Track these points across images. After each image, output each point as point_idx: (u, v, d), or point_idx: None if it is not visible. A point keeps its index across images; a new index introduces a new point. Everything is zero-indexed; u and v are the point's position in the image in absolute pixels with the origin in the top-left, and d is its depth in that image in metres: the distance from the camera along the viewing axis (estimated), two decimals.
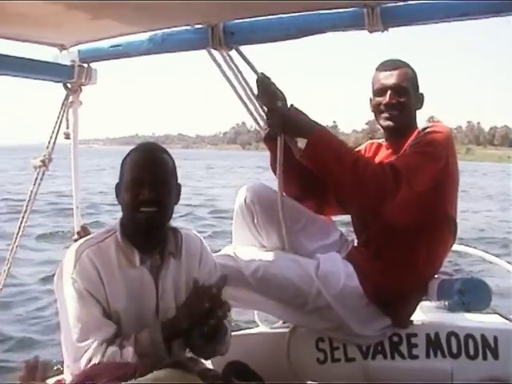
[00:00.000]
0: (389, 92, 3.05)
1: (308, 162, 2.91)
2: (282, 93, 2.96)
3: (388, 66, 3.12)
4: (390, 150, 3.17)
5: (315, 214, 3.32)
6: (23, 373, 2.13)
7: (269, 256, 3.11)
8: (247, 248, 3.21)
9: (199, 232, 2.91)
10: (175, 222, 2.69)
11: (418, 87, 3.13)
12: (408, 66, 3.12)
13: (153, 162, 2.52)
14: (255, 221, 3.15)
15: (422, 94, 3.15)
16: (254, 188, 3.20)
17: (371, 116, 3.16)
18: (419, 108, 3.16)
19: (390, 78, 3.07)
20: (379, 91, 3.10)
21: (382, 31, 2.63)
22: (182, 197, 2.64)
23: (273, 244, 3.17)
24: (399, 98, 3.05)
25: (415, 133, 3.02)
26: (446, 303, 2.96)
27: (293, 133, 2.96)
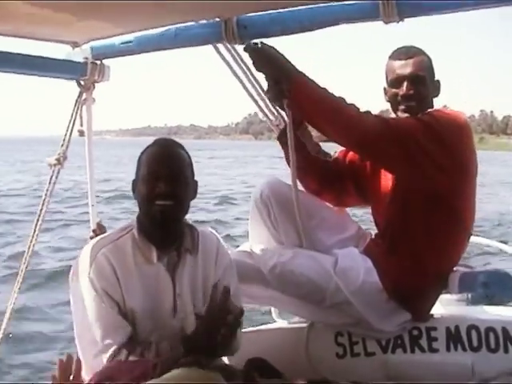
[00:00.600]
0: (405, 83, 2.97)
1: (295, 108, 2.90)
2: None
3: (402, 54, 3.02)
4: None
5: (332, 207, 3.30)
6: (58, 372, 2.13)
7: (286, 253, 3.08)
8: (264, 245, 3.17)
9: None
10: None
11: (434, 74, 3.04)
12: (423, 52, 3.03)
13: (169, 156, 2.54)
14: (271, 216, 3.11)
15: (438, 81, 3.06)
16: (270, 183, 3.17)
17: (382, 106, 3.10)
18: (436, 96, 3.07)
19: (405, 67, 2.98)
20: (395, 81, 3.01)
21: (398, 22, 2.59)
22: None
23: (290, 239, 3.13)
24: (416, 88, 2.96)
25: None
26: (469, 296, 2.93)
27: (275, 72, 2.85)
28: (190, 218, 2.66)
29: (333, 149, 3.30)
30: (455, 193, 2.92)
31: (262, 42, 2.88)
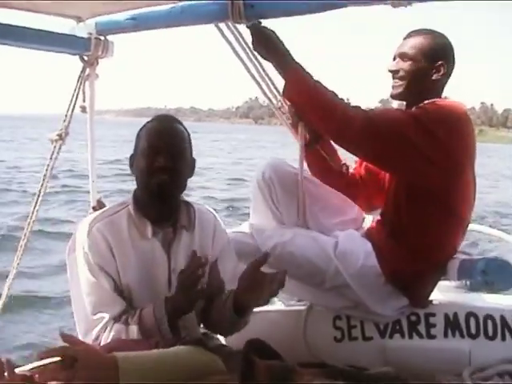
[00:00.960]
0: (396, 59, 2.99)
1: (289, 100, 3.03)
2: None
3: (408, 34, 3.02)
4: None
5: (334, 191, 3.30)
6: None
7: (286, 233, 3.10)
8: (265, 225, 3.18)
9: None
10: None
11: (437, 56, 2.95)
12: (430, 33, 2.98)
13: (169, 130, 2.54)
14: (273, 196, 3.14)
15: (442, 64, 2.95)
16: (273, 164, 3.19)
17: (384, 94, 3.09)
18: (440, 77, 2.97)
19: (400, 46, 3.00)
20: (393, 58, 3.03)
21: (406, 6, 2.56)
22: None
23: (291, 219, 3.15)
24: (402, 65, 2.96)
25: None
26: (468, 283, 2.93)
27: (271, 56, 2.98)
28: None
29: None
30: (448, 187, 2.89)
31: (264, 26, 2.94)
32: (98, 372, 1.88)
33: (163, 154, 2.44)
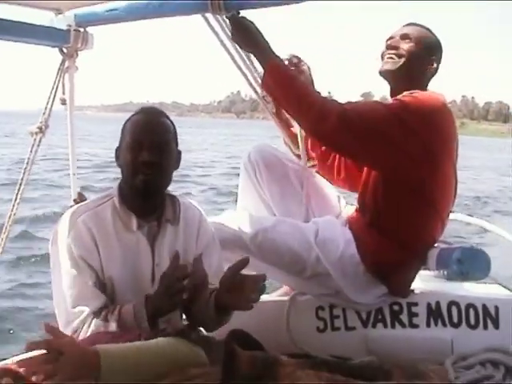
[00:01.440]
0: (396, 38, 3.00)
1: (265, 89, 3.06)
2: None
3: (407, 24, 3.06)
4: None
5: (317, 177, 3.39)
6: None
7: (268, 221, 3.12)
8: (246, 212, 3.23)
9: None
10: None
11: (432, 51, 3.01)
12: (429, 29, 3.04)
13: (153, 124, 2.51)
14: (258, 177, 3.24)
15: (434, 59, 3.02)
16: (259, 147, 3.31)
17: (366, 88, 3.10)
18: (429, 74, 3.03)
19: (401, 29, 3.03)
20: (388, 39, 3.04)
21: None
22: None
23: (275, 200, 3.25)
24: (402, 44, 2.97)
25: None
26: (445, 272, 2.95)
27: (250, 48, 3.01)
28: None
29: None
30: (426, 179, 2.90)
31: (243, 17, 2.94)
32: (82, 365, 1.89)
33: (147, 149, 2.42)
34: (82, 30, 3.36)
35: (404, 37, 2.99)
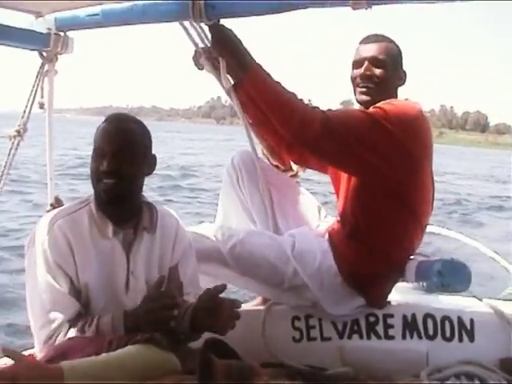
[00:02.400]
0: (365, 63, 3.00)
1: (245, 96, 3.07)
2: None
3: (369, 39, 3.06)
4: None
5: (298, 188, 3.42)
6: None
7: (246, 233, 3.12)
8: (223, 224, 3.27)
9: None
10: None
11: (400, 64, 3.07)
12: (390, 41, 3.06)
13: (116, 132, 2.48)
14: (240, 182, 3.27)
15: (404, 72, 3.09)
16: (241, 153, 3.33)
17: (346, 96, 3.12)
18: (400, 85, 3.09)
19: (368, 50, 3.02)
20: (357, 63, 3.04)
21: (366, 8, 2.56)
22: None
23: (255, 206, 3.27)
24: (375, 71, 2.99)
25: None
26: (424, 284, 2.95)
27: (231, 56, 2.99)
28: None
29: None
30: (405, 185, 2.92)
31: (222, 25, 2.96)
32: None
33: (108, 158, 2.41)
34: (62, 34, 3.33)
35: (373, 61, 2.99)
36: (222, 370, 2.12)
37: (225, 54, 3.01)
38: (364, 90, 3.02)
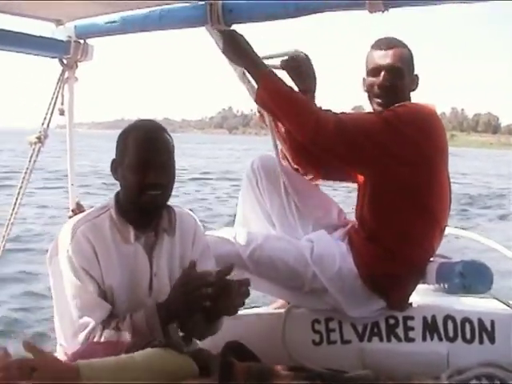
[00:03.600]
0: (383, 73, 2.99)
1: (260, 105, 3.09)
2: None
3: (384, 44, 3.03)
4: None
5: (318, 189, 3.42)
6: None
7: (265, 238, 3.13)
8: (243, 229, 3.25)
9: None
10: None
11: (413, 68, 3.06)
12: (404, 45, 3.05)
13: (158, 143, 2.49)
14: (260, 186, 3.26)
15: (416, 76, 3.08)
16: (261, 157, 3.34)
17: (357, 102, 3.13)
18: (413, 90, 3.09)
19: (384, 57, 3.00)
20: (373, 71, 3.03)
21: (383, 11, 2.57)
22: None
23: (275, 210, 3.25)
24: (393, 80, 2.98)
25: None
26: (446, 286, 2.95)
27: (242, 62, 3.05)
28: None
29: None
30: (422, 186, 2.93)
31: (234, 30, 2.99)
32: (58, 380, 1.87)
33: (154, 169, 2.42)
34: (82, 41, 3.38)
35: (391, 70, 2.99)
36: (241, 372, 2.14)
37: (235, 60, 3.05)
38: (382, 100, 3.02)
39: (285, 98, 2.90)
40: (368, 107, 3.11)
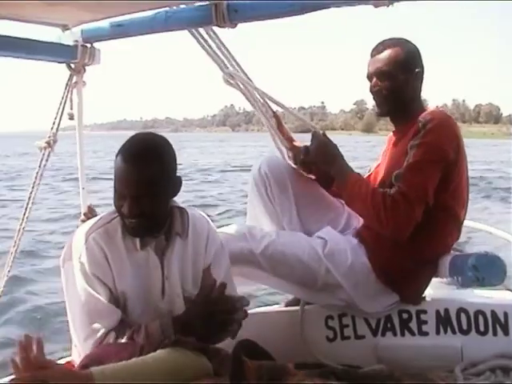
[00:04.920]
0: (374, 79, 3.06)
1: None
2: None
3: (375, 50, 3.08)
4: (395, 138, 3.17)
5: (324, 191, 3.36)
6: (18, 356, 1.99)
7: (277, 234, 3.14)
8: (256, 225, 3.24)
9: None
10: None
11: (413, 64, 3.05)
12: (398, 44, 3.06)
13: (136, 172, 2.36)
14: (268, 191, 3.22)
15: (419, 71, 3.07)
16: (269, 160, 3.29)
17: (359, 96, 3.17)
18: (420, 84, 3.10)
19: (373, 63, 3.07)
20: (368, 77, 3.11)
21: (388, 6, 2.57)
22: None
23: (285, 214, 3.23)
24: (382, 84, 3.03)
25: (415, 127, 2.96)
26: (459, 279, 2.96)
27: (329, 167, 3.11)
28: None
29: None
30: (448, 190, 2.95)
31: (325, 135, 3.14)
32: None
33: (129, 201, 2.37)
34: (89, 45, 3.38)
35: (379, 75, 3.04)
36: (253, 371, 2.14)
37: (324, 164, 3.13)
38: (377, 104, 3.11)
39: (366, 200, 2.94)
40: (369, 102, 3.16)
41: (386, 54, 3.04)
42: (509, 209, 14.77)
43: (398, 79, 3.02)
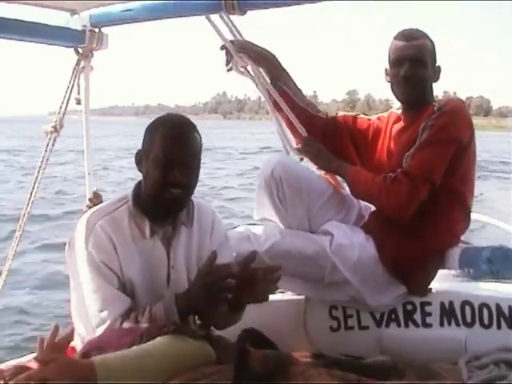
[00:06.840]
0: (407, 63, 3.00)
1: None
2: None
3: (407, 35, 3.04)
4: (404, 124, 3.13)
5: (337, 187, 3.31)
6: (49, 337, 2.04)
7: (282, 233, 3.12)
8: (261, 226, 3.22)
9: None
10: None
11: (435, 59, 3.07)
12: (427, 36, 3.05)
13: (187, 142, 2.45)
14: (280, 195, 3.10)
15: (438, 67, 3.09)
16: (283, 162, 3.16)
17: (351, 86, 3.17)
18: (435, 81, 3.11)
19: (408, 48, 3.01)
20: (396, 62, 3.04)
21: None
22: None
23: (297, 219, 3.15)
24: (416, 71, 3.00)
25: (430, 108, 2.98)
26: (471, 271, 2.94)
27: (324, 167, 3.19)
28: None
29: None
30: (457, 175, 2.95)
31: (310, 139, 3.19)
32: (75, 380, 1.88)
33: (179, 168, 2.39)
34: (97, 30, 3.38)
35: (414, 61, 3.00)
36: (258, 360, 2.12)
37: (325, 168, 3.22)
38: (407, 90, 3.04)
39: (368, 185, 3.00)
40: (361, 92, 3.16)
41: (421, 42, 3.02)
42: None
43: (428, 70, 3.03)
